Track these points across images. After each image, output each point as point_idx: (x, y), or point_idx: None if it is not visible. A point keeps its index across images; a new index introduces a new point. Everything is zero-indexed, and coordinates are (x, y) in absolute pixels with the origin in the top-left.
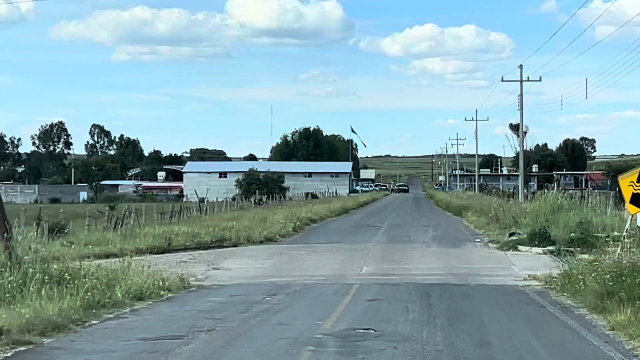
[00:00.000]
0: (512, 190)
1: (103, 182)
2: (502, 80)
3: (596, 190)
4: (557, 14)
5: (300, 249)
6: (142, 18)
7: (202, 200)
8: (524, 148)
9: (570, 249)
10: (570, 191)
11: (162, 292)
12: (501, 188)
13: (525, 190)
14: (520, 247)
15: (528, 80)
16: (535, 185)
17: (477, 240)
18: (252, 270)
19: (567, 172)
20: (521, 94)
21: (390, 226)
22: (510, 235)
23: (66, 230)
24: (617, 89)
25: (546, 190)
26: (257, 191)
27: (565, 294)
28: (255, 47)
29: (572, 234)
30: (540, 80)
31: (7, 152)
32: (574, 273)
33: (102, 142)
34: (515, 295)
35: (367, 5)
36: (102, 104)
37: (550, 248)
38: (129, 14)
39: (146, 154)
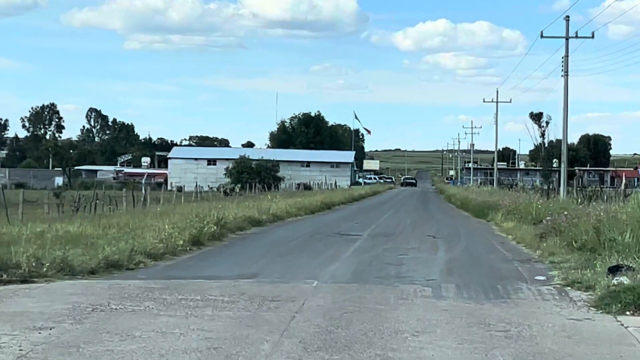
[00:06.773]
0: (544, 186)
1: (80, 168)
2: (542, 37)
3: None
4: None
5: (155, 295)
6: (154, 6)
7: (179, 189)
8: (544, 140)
9: None
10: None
11: None
12: (519, 183)
13: (561, 186)
14: None
15: (576, 36)
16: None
17: (538, 278)
18: None
19: (590, 169)
20: (566, 54)
21: (373, 237)
22: (613, 271)
23: None
24: (629, 89)
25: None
26: (231, 180)
27: None
28: (268, 38)
29: None
30: (592, 37)
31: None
32: None
33: (98, 126)
34: None
35: None
36: (113, 92)
37: None
38: (141, 2)
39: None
